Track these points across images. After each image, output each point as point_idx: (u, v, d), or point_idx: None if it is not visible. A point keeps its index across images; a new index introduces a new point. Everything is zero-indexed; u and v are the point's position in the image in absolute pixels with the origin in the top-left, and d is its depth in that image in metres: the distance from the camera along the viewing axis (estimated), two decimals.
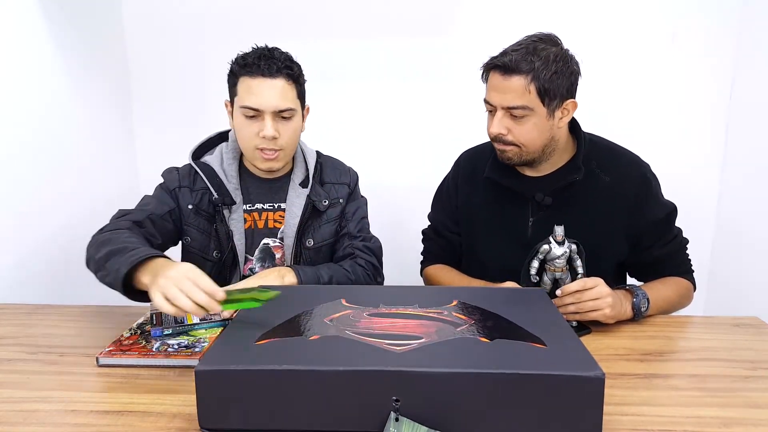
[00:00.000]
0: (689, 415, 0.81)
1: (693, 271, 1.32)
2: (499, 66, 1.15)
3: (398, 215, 1.86)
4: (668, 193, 1.33)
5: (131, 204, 1.28)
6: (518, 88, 1.14)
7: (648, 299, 1.16)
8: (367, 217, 1.41)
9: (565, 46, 1.19)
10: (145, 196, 1.31)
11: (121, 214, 1.23)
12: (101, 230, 1.18)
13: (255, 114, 1.20)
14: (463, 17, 1.95)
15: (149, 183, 2.04)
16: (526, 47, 1.14)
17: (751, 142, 1.89)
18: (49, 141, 1.59)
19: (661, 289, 1.22)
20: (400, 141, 2.05)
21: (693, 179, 2.00)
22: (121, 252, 1.03)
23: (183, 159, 1.38)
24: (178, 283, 0.88)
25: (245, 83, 1.20)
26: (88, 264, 1.12)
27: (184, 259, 1.31)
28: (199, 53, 1.99)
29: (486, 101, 1.21)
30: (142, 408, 0.83)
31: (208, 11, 1.97)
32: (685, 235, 1.33)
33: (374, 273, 1.33)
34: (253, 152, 1.25)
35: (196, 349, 0.99)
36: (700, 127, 1.98)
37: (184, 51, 2.00)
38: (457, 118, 1.98)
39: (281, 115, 1.21)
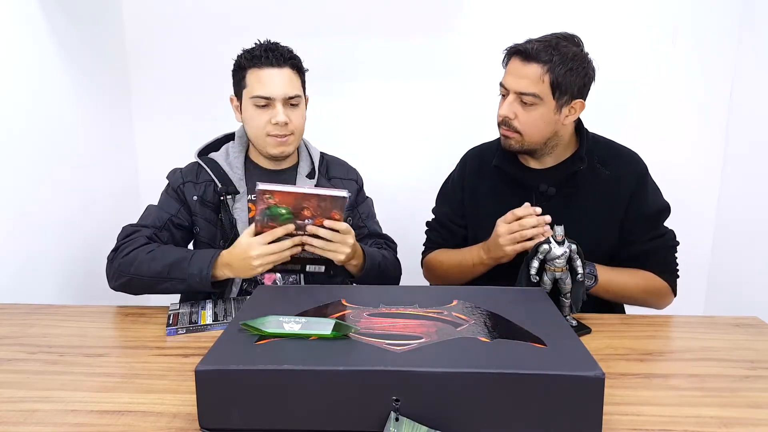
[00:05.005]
0: (689, 414, 0.81)
1: (677, 276, 1.31)
2: (520, 52, 1.21)
3: (401, 216, 1.86)
4: (668, 192, 1.33)
5: (130, 203, 1.29)
6: (533, 76, 1.19)
7: (596, 277, 1.18)
8: (376, 216, 1.50)
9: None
10: (148, 206, 1.35)
11: (130, 232, 1.27)
12: (118, 250, 1.23)
13: (266, 103, 1.26)
14: (468, 17, 1.95)
15: (149, 182, 2.05)
16: (548, 41, 1.20)
17: (751, 141, 1.89)
18: (49, 140, 1.59)
19: (619, 275, 1.24)
20: (404, 141, 2.04)
21: (693, 179, 2.00)
22: (182, 260, 1.17)
23: (183, 158, 1.39)
24: (253, 260, 1.11)
25: (255, 75, 1.26)
26: (131, 284, 1.20)
27: (195, 247, 1.36)
28: (199, 53, 1.99)
29: (501, 84, 1.26)
30: (142, 408, 0.83)
31: (208, 11, 1.96)
32: (685, 235, 1.33)
33: (399, 264, 1.42)
34: (264, 139, 1.30)
35: None
36: (700, 127, 1.98)
37: (184, 50, 1.99)
38: (460, 118, 1.98)
39: (290, 102, 1.28)
